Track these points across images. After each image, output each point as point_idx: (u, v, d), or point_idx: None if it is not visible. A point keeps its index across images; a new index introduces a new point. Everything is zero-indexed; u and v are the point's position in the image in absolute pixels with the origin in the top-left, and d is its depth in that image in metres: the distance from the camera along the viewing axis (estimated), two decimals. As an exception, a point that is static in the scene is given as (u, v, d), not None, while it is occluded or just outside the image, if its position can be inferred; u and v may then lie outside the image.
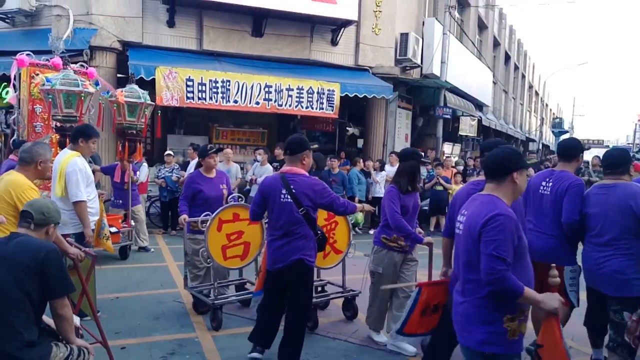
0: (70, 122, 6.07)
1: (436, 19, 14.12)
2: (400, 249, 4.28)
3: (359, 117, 13.80)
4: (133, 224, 7.59)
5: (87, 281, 3.60)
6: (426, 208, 10.60)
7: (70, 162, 4.43)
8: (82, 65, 7.18)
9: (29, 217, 2.78)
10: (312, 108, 10.68)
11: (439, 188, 10.38)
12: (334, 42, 11.74)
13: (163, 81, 9.29)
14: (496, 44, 24.23)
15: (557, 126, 42.75)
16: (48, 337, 2.71)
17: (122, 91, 6.92)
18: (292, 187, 3.66)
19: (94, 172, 8.25)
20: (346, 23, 11.31)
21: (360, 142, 13.88)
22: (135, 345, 4.22)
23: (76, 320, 2.98)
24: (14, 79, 7.03)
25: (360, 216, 10.08)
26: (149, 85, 8.76)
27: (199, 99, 9.67)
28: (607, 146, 44.35)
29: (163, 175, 9.36)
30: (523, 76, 31.94)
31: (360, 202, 10.36)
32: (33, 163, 3.75)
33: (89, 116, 7.15)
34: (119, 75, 10.18)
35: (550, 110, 48.23)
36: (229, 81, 9.92)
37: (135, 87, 7.14)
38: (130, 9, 10.03)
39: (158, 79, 9.25)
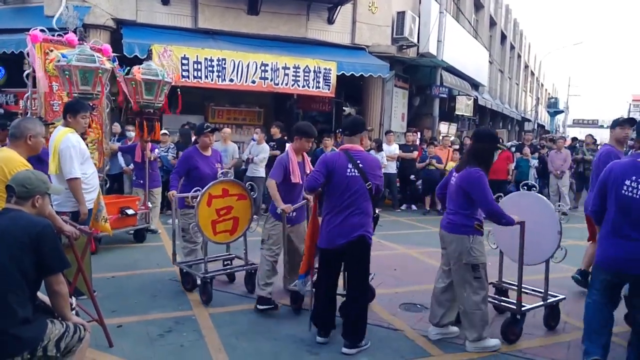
0: (87, 100, 5.84)
1: (433, -3, 13.98)
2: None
3: (355, 97, 13.74)
4: (150, 205, 7.46)
5: (82, 259, 3.60)
6: (420, 187, 10.71)
7: (64, 138, 4.39)
8: (96, 42, 7.00)
9: (11, 191, 2.73)
10: (309, 87, 10.62)
11: (432, 167, 10.43)
12: (331, 21, 11.63)
13: (158, 59, 9.19)
14: (492, 23, 24.06)
15: (553, 106, 42.82)
16: (43, 314, 2.71)
17: (139, 68, 6.73)
18: (358, 162, 3.74)
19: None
20: (343, 1, 11.21)
21: (342, 125, 13.82)
22: (132, 324, 4.24)
23: (72, 300, 2.99)
24: (27, 55, 6.84)
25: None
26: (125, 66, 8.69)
27: (194, 77, 9.61)
28: (602, 126, 44.42)
29: (159, 155, 9.33)
30: (519, 56, 31.79)
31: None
32: (23, 138, 3.66)
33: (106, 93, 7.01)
34: (113, 54, 10.05)
35: (546, 90, 48.16)
36: (224, 59, 9.84)
37: (152, 64, 6.98)
38: (124, -14, 9.87)
39: (153, 57, 9.15)
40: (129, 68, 6.92)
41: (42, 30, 6.70)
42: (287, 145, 9.61)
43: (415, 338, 4.13)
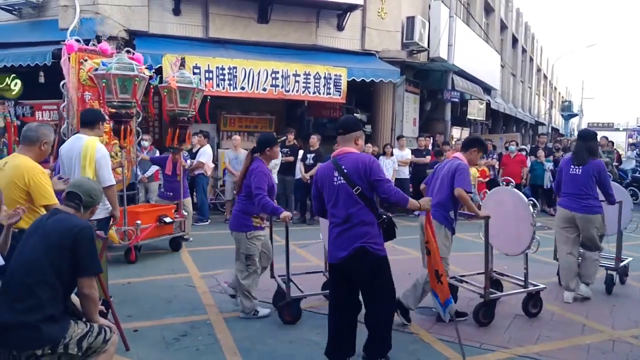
0: (126, 108, 5.85)
1: (442, 2, 13.96)
2: None
3: (365, 103, 13.75)
4: (185, 214, 7.43)
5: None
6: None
7: (97, 148, 4.47)
8: (128, 51, 7.16)
9: (76, 198, 2.83)
10: (319, 93, 10.66)
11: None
12: (340, 27, 11.67)
13: (170, 69, 9.30)
14: (503, 27, 23.97)
15: (566, 109, 42.37)
16: (71, 315, 2.78)
17: (173, 76, 6.70)
18: (342, 167, 3.40)
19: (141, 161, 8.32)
20: (352, 7, 11.24)
21: (367, 128, 13.84)
22: (148, 328, 4.28)
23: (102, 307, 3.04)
24: (64, 65, 6.73)
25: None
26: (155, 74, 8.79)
27: (205, 86, 9.68)
28: (617, 129, 43.88)
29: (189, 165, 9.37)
30: (531, 59, 31.61)
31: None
32: (38, 143, 3.66)
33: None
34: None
35: (559, 93, 47.76)
36: (235, 68, 9.93)
37: (186, 72, 6.93)
38: (136, -2, 10.03)
39: (165, 67, 9.26)
40: (159, 76, 6.95)
41: (77, 40, 6.68)
42: (301, 152, 9.71)
43: (431, 342, 4.11)
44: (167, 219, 6.82)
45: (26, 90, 10.82)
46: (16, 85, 10.84)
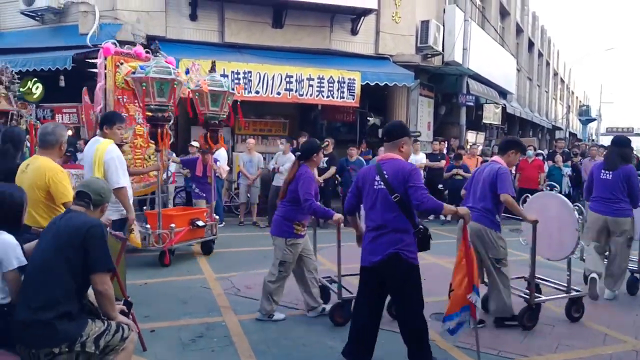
0: (162, 112, 5.90)
1: (457, 5, 13.96)
2: None
3: (379, 107, 13.78)
4: (216, 217, 7.44)
5: (117, 264, 3.70)
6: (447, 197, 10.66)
7: (107, 149, 4.56)
8: (162, 55, 7.27)
9: (86, 197, 2.90)
10: (333, 97, 10.72)
11: (459, 177, 10.34)
12: (354, 32, 11.72)
13: (192, 74, 9.42)
14: (519, 30, 23.81)
15: (584, 114, 41.87)
16: (89, 314, 2.83)
17: (205, 80, 6.70)
18: (384, 172, 3.41)
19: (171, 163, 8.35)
20: (366, 12, 11.30)
21: (381, 132, 13.86)
22: (164, 329, 4.34)
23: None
24: (100, 68, 6.81)
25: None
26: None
27: (236, 89, 9.81)
28: (638, 134, 43.19)
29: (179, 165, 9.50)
30: (547, 63, 31.35)
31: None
32: (58, 144, 3.76)
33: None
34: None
35: (577, 97, 47.23)
36: (250, 72, 10.03)
37: (217, 75, 6.93)
38: (154, 4, 10.21)
39: (181, 71, 9.38)
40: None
41: (113, 44, 6.77)
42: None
43: (447, 348, 4.08)
44: (200, 223, 6.82)
45: (47, 94, 11.04)
46: (37, 89, 11.07)
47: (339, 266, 4.51)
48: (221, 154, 9.45)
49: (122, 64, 6.67)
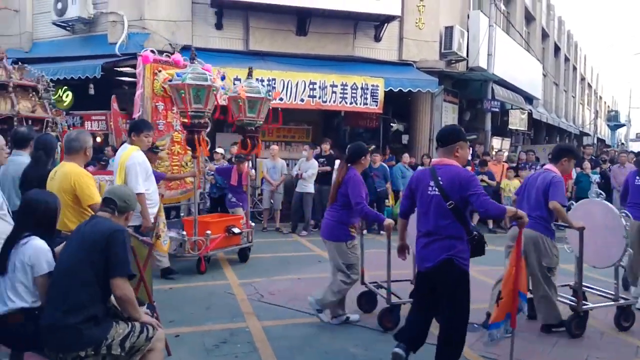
0: (199, 118, 5.87)
1: (481, 11, 13.85)
2: None
3: (402, 114, 13.73)
4: (253, 224, 7.32)
5: (144, 270, 3.76)
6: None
7: (131, 155, 4.66)
8: (198, 62, 7.31)
9: (112, 203, 2.98)
10: (356, 104, 10.73)
11: (483, 184, 10.21)
12: (377, 38, 11.72)
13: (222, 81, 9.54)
14: (545, 35, 23.47)
15: (613, 119, 40.89)
16: (114, 317, 2.88)
17: (242, 86, 6.61)
18: (439, 178, 3.35)
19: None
20: (389, 19, 11.29)
21: (405, 138, 13.82)
22: (189, 334, 4.38)
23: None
24: (140, 76, 6.86)
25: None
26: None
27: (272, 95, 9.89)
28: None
29: (212, 172, 9.62)
30: (574, 68, 30.79)
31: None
32: (82, 150, 3.86)
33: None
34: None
35: (605, 102, 46.23)
36: (274, 79, 10.11)
37: (253, 81, 6.86)
38: (181, 13, 10.40)
39: (217, 77, 9.49)
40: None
41: (152, 51, 6.83)
42: (337, 162, 9.80)
43: (473, 358, 4.03)
44: (236, 230, 6.74)
45: (76, 102, 11.32)
46: (68, 97, 11.35)
47: (389, 271, 4.56)
48: (277, 165, 9.55)
49: (160, 71, 6.71)
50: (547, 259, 4.33)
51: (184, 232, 6.34)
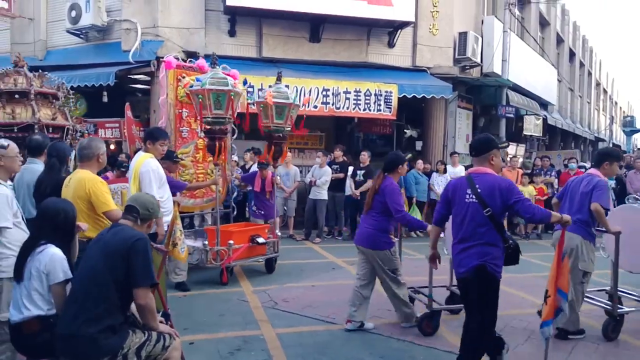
0: (220, 124, 5.73)
1: (495, 17, 13.76)
2: None
3: (416, 120, 13.64)
4: (279, 234, 7.08)
5: (158, 277, 3.73)
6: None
7: (144, 162, 4.65)
8: (224, 68, 7.15)
9: (134, 211, 2.96)
10: (370, 110, 10.68)
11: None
12: (391, 44, 11.67)
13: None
14: (559, 40, 23.27)
15: (629, 125, 40.39)
16: (130, 325, 2.85)
17: (270, 91, 6.38)
18: (477, 186, 3.44)
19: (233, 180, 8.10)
20: (403, 25, 11.23)
21: (418, 145, 13.73)
22: (203, 341, 4.35)
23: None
24: (161, 82, 6.83)
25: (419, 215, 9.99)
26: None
27: (247, 106, 9.88)
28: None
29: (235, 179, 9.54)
30: (589, 73, 30.47)
31: (419, 203, 10.26)
32: (94, 157, 3.87)
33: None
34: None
35: (620, 108, 45.72)
36: (287, 86, 10.05)
37: (282, 86, 6.57)
38: (194, 21, 10.43)
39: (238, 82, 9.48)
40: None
41: (175, 57, 6.71)
42: (351, 168, 9.76)
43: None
44: (260, 240, 6.46)
45: (89, 109, 11.39)
46: (81, 105, 11.43)
47: (431, 277, 4.62)
48: (290, 172, 9.51)
49: (184, 77, 6.55)
50: (584, 263, 4.37)
51: (206, 242, 6.18)
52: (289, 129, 6.58)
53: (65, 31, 10.90)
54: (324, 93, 10.34)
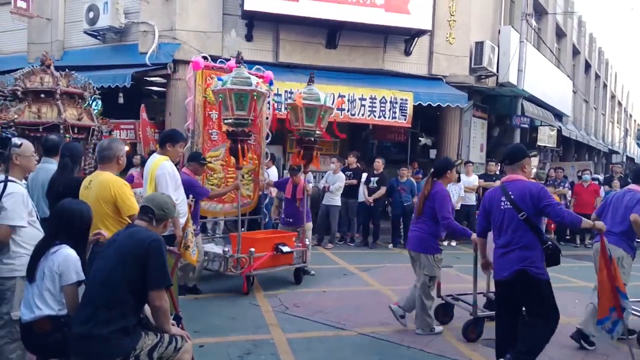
0: (242, 126, 5.48)
1: (512, 27, 13.70)
2: None
3: (431, 128, 13.58)
4: (307, 243, 6.71)
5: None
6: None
7: (160, 165, 4.65)
8: (258, 69, 6.75)
9: (150, 212, 2.94)
10: (385, 117, 10.65)
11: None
12: (407, 52, 11.66)
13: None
14: (575, 52, 23.13)
15: (643, 138, 40.00)
16: (143, 328, 2.84)
17: (300, 93, 6.09)
18: (510, 193, 3.65)
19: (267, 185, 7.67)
20: (420, 33, 11.22)
21: (432, 153, 13.66)
22: (213, 344, 4.34)
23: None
24: (190, 83, 6.69)
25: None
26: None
27: (274, 109, 9.90)
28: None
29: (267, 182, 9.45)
30: (605, 85, 30.25)
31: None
32: (115, 158, 3.83)
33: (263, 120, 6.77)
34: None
35: (635, 121, 45.27)
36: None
37: (314, 87, 6.22)
38: (211, 24, 10.50)
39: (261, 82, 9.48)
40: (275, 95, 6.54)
41: (204, 58, 6.59)
42: (365, 175, 9.70)
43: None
44: (285, 248, 6.09)
45: (105, 110, 11.47)
46: (97, 106, 11.51)
47: (475, 285, 4.64)
48: (272, 172, 9.51)
49: (212, 78, 6.28)
50: (623, 276, 4.36)
51: (226, 249, 5.93)
52: (320, 133, 6.24)
53: (82, 32, 11.00)
54: (340, 99, 10.32)
